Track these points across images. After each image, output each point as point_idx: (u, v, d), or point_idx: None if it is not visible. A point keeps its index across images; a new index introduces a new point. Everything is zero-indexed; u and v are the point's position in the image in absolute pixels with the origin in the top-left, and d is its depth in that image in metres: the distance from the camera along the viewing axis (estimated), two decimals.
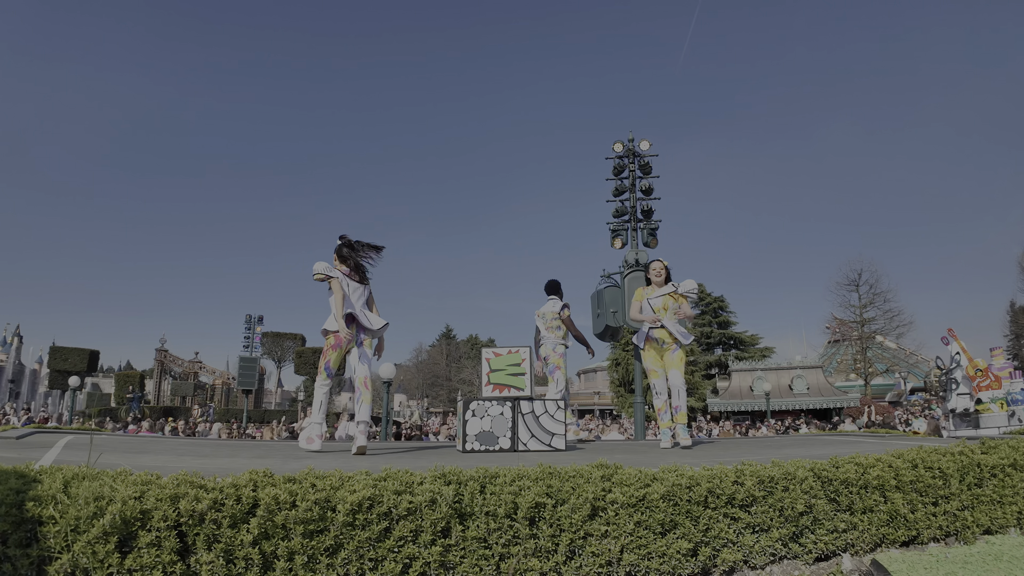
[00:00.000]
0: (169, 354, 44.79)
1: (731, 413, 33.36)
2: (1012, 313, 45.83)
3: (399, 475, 2.24)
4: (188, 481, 1.94)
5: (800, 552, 2.68)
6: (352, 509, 2.00)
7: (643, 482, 2.49)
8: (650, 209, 12.88)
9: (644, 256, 12.42)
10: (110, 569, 1.74)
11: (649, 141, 12.98)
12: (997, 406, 9.25)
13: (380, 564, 2.01)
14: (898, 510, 2.92)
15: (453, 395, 55.55)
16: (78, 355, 35.36)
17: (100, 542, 1.74)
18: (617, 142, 13.04)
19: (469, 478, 2.31)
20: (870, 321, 39.08)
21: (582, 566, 2.26)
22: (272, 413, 37.11)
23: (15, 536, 1.75)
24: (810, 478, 2.78)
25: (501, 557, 2.18)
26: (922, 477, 3.07)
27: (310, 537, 1.96)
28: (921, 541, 3.00)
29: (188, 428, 17.05)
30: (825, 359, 43.25)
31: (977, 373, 9.47)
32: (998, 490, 3.29)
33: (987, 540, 3.10)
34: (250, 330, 38.21)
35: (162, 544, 1.80)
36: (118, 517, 1.77)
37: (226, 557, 1.85)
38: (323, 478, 2.12)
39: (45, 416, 24.70)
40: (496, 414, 5.55)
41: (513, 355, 6.04)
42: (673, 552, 2.38)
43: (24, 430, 6.73)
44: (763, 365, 36.74)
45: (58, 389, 36.35)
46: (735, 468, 2.72)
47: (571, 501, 2.32)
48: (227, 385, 45.91)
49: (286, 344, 41.65)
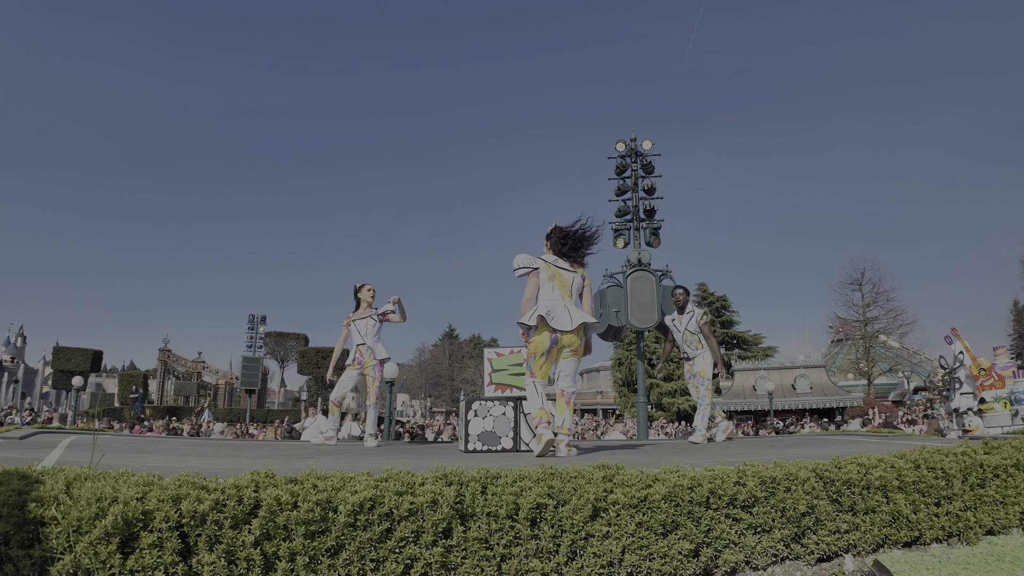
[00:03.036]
0: (172, 354, 44.93)
1: (734, 413, 33.32)
2: (1016, 312, 45.73)
3: (400, 476, 2.24)
4: (190, 482, 1.95)
5: (802, 553, 2.68)
6: (353, 510, 2.00)
7: (645, 483, 2.49)
8: (652, 208, 12.88)
9: (646, 256, 12.42)
10: (112, 570, 1.75)
11: (651, 140, 13.00)
12: (1000, 405, 9.23)
13: (381, 565, 2.01)
14: (900, 511, 2.91)
15: (455, 395, 55.56)
16: (81, 355, 35.47)
17: (102, 543, 1.75)
18: (619, 141, 13.05)
19: (471, 479, 2.32)
20: (873, 320, 39.07)
21: (583, 567, 2.26)
22: (275, 413, 37.18)
23: (17, 537, 1.75)
24: (812, 478, 2.77)
25: (502, 558, 2.18)
26: (924, 477, 3.06)
27: (312, 538, 1.96)
28: (923, 542, 3.00)
29: (193, 428, 17.09)
30: (828, 358, 43.21)
31: (981, 372, 9.45)
32: (1001, 490, 3.29)
33: (990, 541, 3.10)
34: (253, 330, 38.26)
35: (164, 545, 1.80)
36: (120, 518, 1.77)
37: (228, 558, 1.86)
38: (325, 479, 2.12)
39: (48, 416, 24.78)
40: (498, 414, 5.55)
41: (515, 355, 6.05)
42: (675, 553, 2.38)
43: (27, 430, 6.75)
44: (766, 364, 36.66)
45: (61, 389, 36.45)
46: (737, 468, 2.72)
47: (572, 502, 2.32)
48: (230, 385, 46.03)
49: (289, 344, 41.72)
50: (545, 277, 4.83)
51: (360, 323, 6.74)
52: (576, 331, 4.75)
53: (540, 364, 4.77)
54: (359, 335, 6.72)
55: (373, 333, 6.71)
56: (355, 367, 6.68)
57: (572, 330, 4.70)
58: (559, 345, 4.74)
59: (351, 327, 6.77)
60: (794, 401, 33.61)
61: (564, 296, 4.78)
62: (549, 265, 4.84)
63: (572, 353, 4.79)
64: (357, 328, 6.74)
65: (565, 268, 4.85)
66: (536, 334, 4.77)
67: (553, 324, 4.67)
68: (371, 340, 6.67)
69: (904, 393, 39.85)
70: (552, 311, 4.71)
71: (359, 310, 6.86)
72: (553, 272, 4.82)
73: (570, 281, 4.82)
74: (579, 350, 4.81)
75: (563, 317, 4.70)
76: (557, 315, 4.71)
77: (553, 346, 4.73)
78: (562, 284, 4.80)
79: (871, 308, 39.18)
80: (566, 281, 4.81)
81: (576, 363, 4.84)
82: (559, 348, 4.76)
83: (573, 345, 4.77)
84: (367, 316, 6.76)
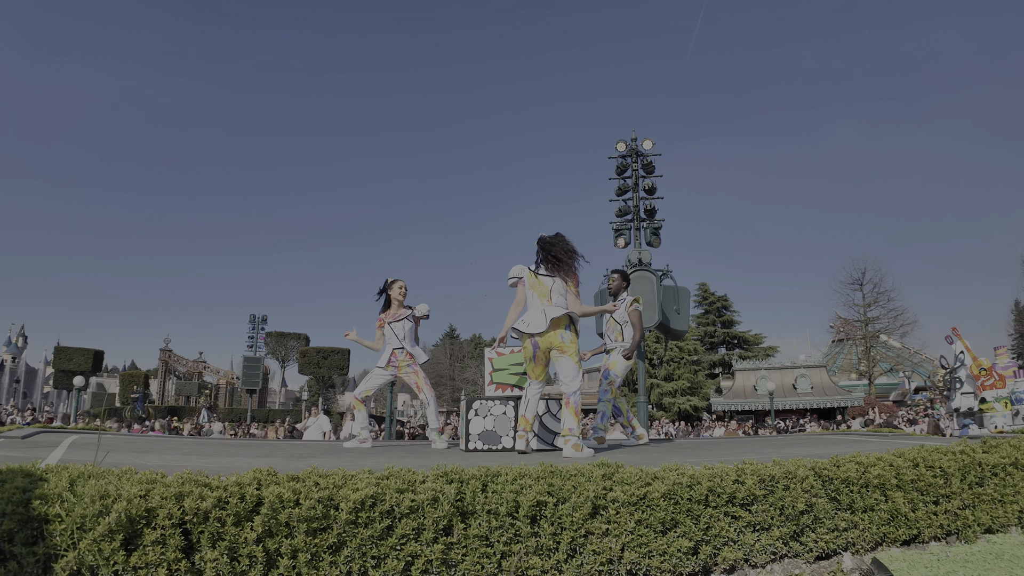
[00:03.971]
0: (173, 354, 44.96)
1: (735, 412, 33.33)
2: (1016, 312, 45.70)
3: (401, 473, 2.26)
4: (193, 479, 1.97)
5: (801, 551, 2.69)
6: (355, 507, 2.02)
7: (644, 481, 2.50)
8: (653, 208, 12.90)
9: (647, 256, 12.44)
10: (115, 567, 1.76)
11: (652, 140, 13.00)
12: (1001, 405, 9.24)
13: (382, 562, 2.03)
14: (899, 509, 2.92)
15: (456, 394, 55.58)
16: (82, 355, 35.50)
17: (106, 540, 1.76)
18: (620, 141, 13.06)
19: (471, 476, 2.33)
20: (874, 320, 39.08)
21: (583, 564, 2.28)
22: (276, 413, 37.19)
23: (21, 534, 1.77)
24: (811, 477, 2.79)
25: (503, 555, 2.19)
26: (923, 476, 3.07)
27: (313, 535, 1.98)
28: (922, 540, 3.01)
29: (194, 428, 17.11)
30: (829, 358, 43.19)
31: (981, 372, 9.46)
32: (999, 489, 3.30)
33: (988, 539, 3.11)
34: (254, 330, 38.28)
35: (167, 542, 1.82)
36: (123, 515, 1.78)
37: (230, 555, 1.87)
38: (326, 476, 2.14)
39: (49, 416, 24.79)
40: (499, 413, 5.57)
41: (516, 355, 6.07)
42: (674, 550, 2.40)
43: (29, 430, 6.78)
44: (767, 364, 36.68)
45: (62, 389, 36.49)
46: (736, 467, 2.73)
47: (572, 499, 2.33)
48: (231, 385, 46.07)
49: (290, 344, 41.68)
50: (528, 285, 5.09)
51: (396, 326, 6.34)
52: (553, 331, 4.86)
53: (531, 368, 5.03)
54: (396, 338, 6.31)
55: (411, 336, 6.36)
56: (388, 368, 6.29)
57: (545, 331, 4.85)
58: (542, 348, 4.91)
59: (385, 329, 6.37)
60: (795, 401, 33.63)
61: (544, 301, 4.95)
62: (532, 273, 5.09)
63: (560, 353, 4.88)
64: (393, 330, 6.33)
65: (544, 274, 5.03)
66: (523, 341, 5.02)
67: (527, 330, 4.88)
68: (409, 344, 6.31)
69: (905, 393, 39.80)
70: (528, 318, 4.94)
71: (390, 310, 6.45)
72: (533, 280, 5.05)
73: (548, 286, 4.97)
74: (567, 348, 4.87)
75: (537, 321, 4.87)
76: (532, 321, 4.90)
77: (536, 350, 4.93)
78: (541, 290, 4.99)
79: (872, 308, 39.21)
80: (545, 287, 4.98)
81: (569, 361, 4.88)
82: (544, 351, 4.92)
83: (555, 345, 4.88)
84: (403, 318, 6.36)
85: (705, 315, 43.83)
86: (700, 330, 42.85)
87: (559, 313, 4.84)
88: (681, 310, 12.37)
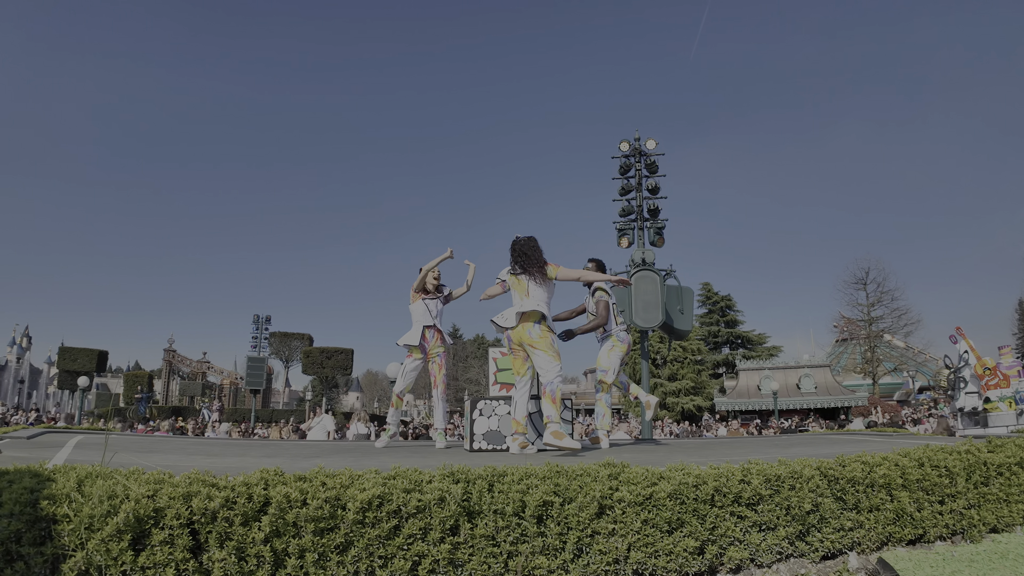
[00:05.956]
0: (177, 354, 45.05)
1: (739, 412, 33.28)
2: (1020, 311, 45.56)
3: (408, 473, 2.26)
4: (200, 480, 1.97)
5: (807, 550, 2.69)
6: (362, 507, 2.02)
7: (650, 481, 2.50)
8: (656, 208, 12.88)
9: (651, 255, 12.42)
10: (124, 567, 1.77)
11: (655, 140, 12.99)
12: (1006, 404, 9.21)
13: (390, 561, 2.03)
14: (904, 509, 2.92)
15: (460, 395, 55.60)
16: (87, 355, 35.63)
17: (114, 540, 1.77)
18: (623, 141, 13.04)
19: (477, 476, 2.33)
20: (878, 320, 38.92)
21: (589, 564, 2.28)
22: (280, 413, 37.23)
23: (29, 534, 1.77)
24: (816, 477, 2.79)
25: (509, 555, 2.20)
26: (928, 476, 3.07)
27: (321, 535, 1.98)
28: (927, 539, 3.01)
29: (197, 428, 17.13)
30: (833, 358, 43.05)
31: (986, 371, 9.43)
32: (1004, 488, 3.29)
33: (993, 539, 3.10)
34: (258, 330, 38.34)
35: (175, 542, 1.83)
36: (131, 515, 1.79)
37: (238, 554, 1.88)
38: (333, 476, 2.14)
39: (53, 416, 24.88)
40: (503, 413, 5.57)
41: None
42: (680, 550, 2.40)
43: (34, 430, 6.79)
44: (771, 364, 36.59)
45: (67, 389, 36.60)
46: (742, 467, 2.73)
47: (578, 499, 2.33)
48: (235, 385, 46.16)
49: (294, 344, 41.74)
50: (510, 284, 5.39)
51: (431, 303, 5.93)
52: (522, 325, 5.15)
53: (512, 361, 5.38)
54: (429, 315, 5.87)
55: (442, 316, 6.03)
56: (418, 355, 5.84)
57: (516, 326, 5.18)
58: (515, 342, 5.23)
59: (422, 303, 5.91)
60: (799, 401, 33.55)
61: (522, 296, 5.21)
62: (510, 275, 5.38)
63: (531, 346, 5.13)
64: (427, 307, 5.90)
65: (519, 272, 5.27)
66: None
67: (502, 324, 5.30)
68: (439, 322, 5.95)
69: (909, 392, 39.68)
70: (505, 313, 5.34)
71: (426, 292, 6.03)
72: (512, 280, 5.36)
73: (526, 283, 5.21)
74: (536, 343, 5.08)
75: (509, 316, 5.26)
76: (507, 315, 5.30)
77: (511, 343, 5.28)
78: (518, 287, 5.26)
79: (876, 307, 39.05)
80: (523, 284, 5.23)
81: (541, 354, 5.08)
82: (517, 344, 5.22)
83: (525, 340, 5.14)
84: (436, 298, 6.00)
85: (709, 315, 43.75)
86: (704, 330, 42.76)
87: (528, 308, 5.10)
88: (684, 310, 12.35)
